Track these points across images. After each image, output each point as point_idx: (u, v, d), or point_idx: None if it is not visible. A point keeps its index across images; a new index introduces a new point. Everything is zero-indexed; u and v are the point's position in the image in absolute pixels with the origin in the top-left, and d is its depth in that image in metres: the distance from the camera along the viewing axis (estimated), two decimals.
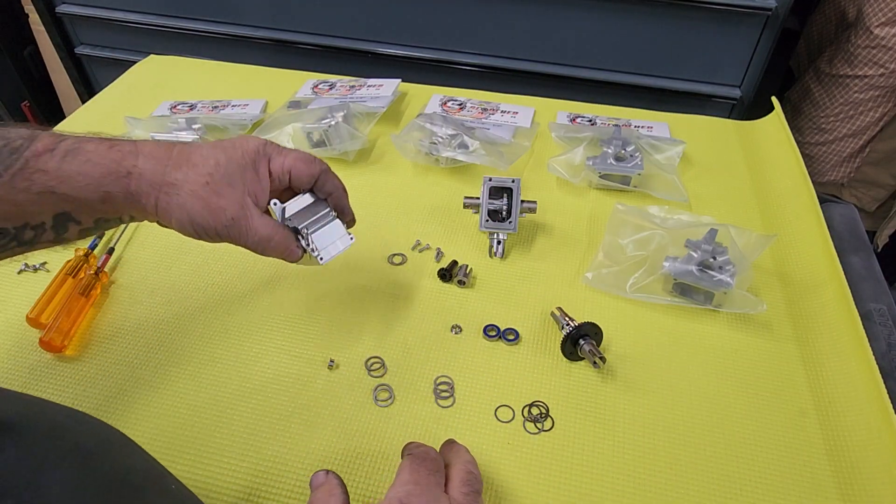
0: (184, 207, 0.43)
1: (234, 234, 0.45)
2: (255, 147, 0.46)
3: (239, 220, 0.44)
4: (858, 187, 1.35)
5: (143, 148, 0.43)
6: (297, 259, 0.49)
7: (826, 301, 0.61)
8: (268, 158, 0.47)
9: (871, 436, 0.50)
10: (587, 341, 0.55)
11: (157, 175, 0.43)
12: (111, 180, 0.41)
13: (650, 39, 1.14)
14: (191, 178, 0.43)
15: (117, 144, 0.43)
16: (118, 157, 0.42)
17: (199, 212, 0.43)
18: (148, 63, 1.05)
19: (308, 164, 0.48)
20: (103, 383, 0.54)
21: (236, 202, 0.44)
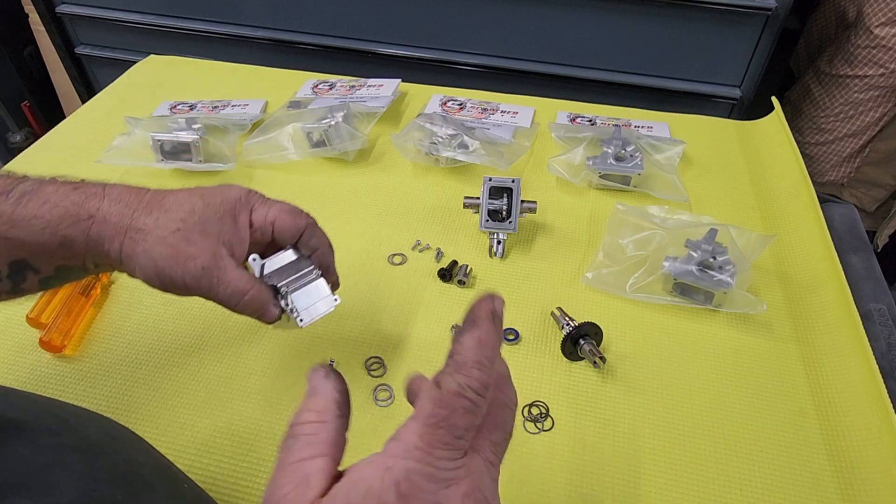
0: (149, 255, 0.39)
1: (203, 285, 0.40)
2: (236, 195, 0.43)
3: (210, 270, 0.40)
4: (858, 187, 1.35)
5: (112, 191, 0.40)
6: (274, 319, 0.44)
7: (826, 301, 0.61)
8: (250, 208, 0.43)
9: (871, 436, 0.50)
10: (587, 341, 0.55)
11: (122, 219, 0.39)
12: (70, 223, 0.38)
13: (650, 39, 1.14)
14: (161, 224, 0.39)
15: (82, 186, 0.40)
16: (79, 200, 0.39)
17: (165, 260, 0.39)
18: (148, 63, 1.05)
19: (293, 217, 0.44)
20: (103, 383, 0.54)
21: (208, 251, 0.40)
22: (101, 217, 0.39)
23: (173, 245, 0.39)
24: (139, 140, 0.79)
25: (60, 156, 0.82)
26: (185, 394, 0.54)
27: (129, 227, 0.39)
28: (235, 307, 0.42)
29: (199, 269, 0.39)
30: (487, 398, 0.25)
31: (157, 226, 0.39)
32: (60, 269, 0.40)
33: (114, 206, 0.39)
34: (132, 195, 0.40)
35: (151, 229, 0.39)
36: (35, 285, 0.40)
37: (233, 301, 0.41)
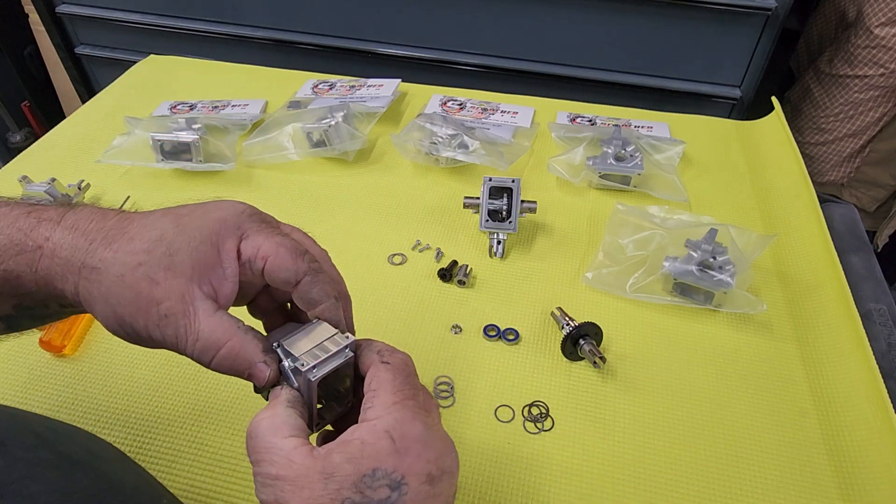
0: (107, 300, 0.30)
1: (168, 338, 0.31)
2: (223, 216, 0.33)
3: (176, 317, 0.30)
4: (858, 187, 1.35)
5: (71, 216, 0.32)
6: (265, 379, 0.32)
7: (826, 301, 0.61)
8: (240, 234, 0.33)
9: (871, 435, 0.50)
10: (587, 341, 0.55)
11: (76, 252, 0.31)
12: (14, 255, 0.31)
13: (650, 39, 1.14)
14: (120, 259, 0.30)
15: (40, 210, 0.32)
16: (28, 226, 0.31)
17: (125, 307, 0.30)
18: (148, 63, 1.05)
19: (293, 257, 0.33)
20: (103, 383, 0.54)
21: (174, 293, 0.30)
22: (49, 249, 0.31)
23: (133, 286, 0.30)
24: (139, 140, 0.79)
25: (60, 156, 0.82)
26: (184, 394, 0.53)
27: (84, 265, 0.31)
28: (209, 365, 0.32)
29: (161, 316, 0.30)
30: None
31: (115, 261, 0.30)
32: (20, 308, 0.33)
33: (67, 235, 0.31)
34: (93, 221, 0.32)
35: (109, 266, 0.30)
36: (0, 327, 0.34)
37: (204, 358, 0.31)
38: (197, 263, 0.31)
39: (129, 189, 0.76)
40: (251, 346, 0.32)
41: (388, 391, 0.30)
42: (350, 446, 0.28)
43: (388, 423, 0.29)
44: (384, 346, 0.33)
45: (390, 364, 0.32)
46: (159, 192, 0.76)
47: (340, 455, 0.28)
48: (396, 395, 0.30)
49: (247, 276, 0.33)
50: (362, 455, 0.28)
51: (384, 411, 0.29)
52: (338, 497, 0.27)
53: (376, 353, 0.33)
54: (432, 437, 0.29)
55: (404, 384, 0.31)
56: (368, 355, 0.33)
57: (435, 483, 0.28)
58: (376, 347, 0.33)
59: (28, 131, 1.68)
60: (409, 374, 0.32)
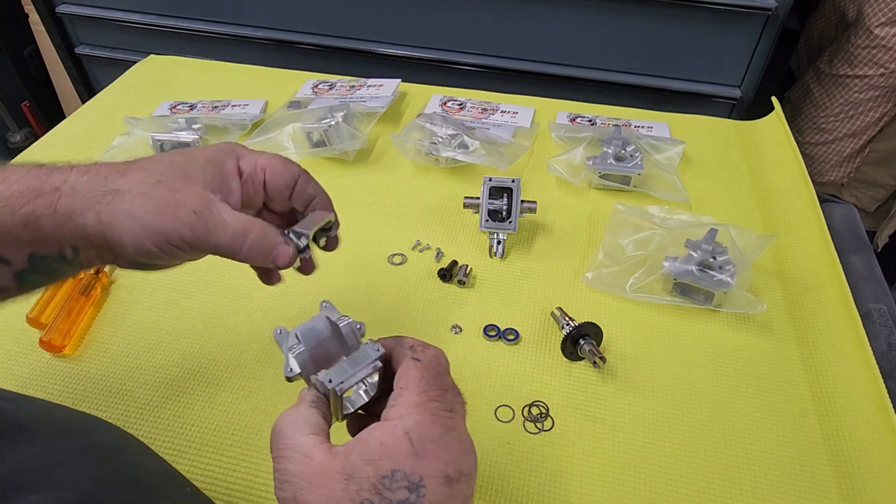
0: (133, 215, 0.34)
1: (199, 233, 0.35)
2: (220, 146, 0.39)
3: (203, 213, 0.35)
4: (858, 187, 1.35)
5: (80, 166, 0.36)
6: (288, 259, 0.38)
7: (826, 301, 0.61)
8: (236, 156, 0.39)
9: (871, 435, 0.50)
10: (587, 341, 0.55)
11: (94, 186, 0.34)
12: (32, 197, 0.34)
13: (650, 39, 1.14)
14: (139, 180, 0.35)
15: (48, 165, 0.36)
16: (43, 174, 0.35)
17: (152, 214, 0.34)
18: (148, 63, 1.05)
19: (285, 164, 0.40)
20: (103, 383, 0.54)
21: (197, 195, 0.35)
22: (68, 189, 0.34)
23: (158, 197, 0.34)
24: (139, 140, 0.79)
25: (60, 156, 0.82)
26: (185, 394, 0.54)
27: (103, 193, 0.34)
28: (240, 252, 0.36)
29: (191, 214, 0.34)
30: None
31: (134, 182, 0.35)
32: (34, 257, 0.35)
33: (82, 176, 0.35)
34: (102, 165, 0.36)
35: (129, 188, 0.34)
36: (10, 280, 0.35)
37: (236, 245, 0.36)
38: (206, 178, 0.36)
39: None
40: (272, 230, 0.37)
41: (413, 391, 0.31)
42: (369, 446, 0.28)
43: (409, 424, 0.29)
44: (416, 343, 0.34)
45: (420, 361, 0.32)
46: None
47: (360, 456, 0.28)
48: (421, 395, 0.30)
49: (248, 190, 0.39)
50: (381, 456, 0.28)
51: (406, 412, 0.30)
52: (357, 498, 0.27)
53: (408, 349, 0.33)
54: (451, 440, 0.30)
55: (431, 384, 0.31)
56: (400, 351, 0.34)
57: (453, 485, 0.29)
58: (408, 343, 0.34)
59: (28, 131, 1.68)
60: (438, 373, 0.32)
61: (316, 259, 0.43)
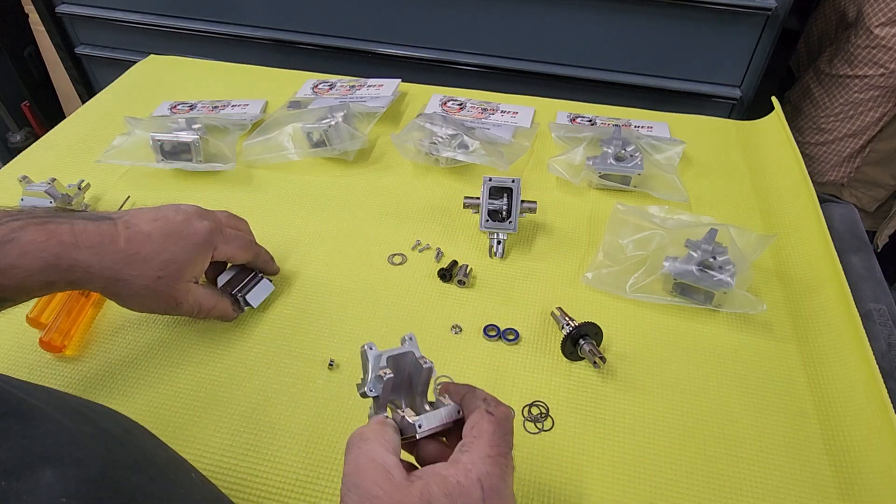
0: (136, 298, 0.49)
1: (181, 312, 0.53)
2: (202, 237, 0.51)
3: (186, 300, 0.52)
4: (858, 187, 1.35)
5: (82, 237, 0.44)
6: (232, 319, 0.58)
7: (826, 301, 0.61)
8: (213, 248, 0.53)
9: (871, 436, 0.50)
10: (587, 341, 0.55)
11: (105, 271, 0.45)
12: (53, 272, 0.42)
13: (650, 39, 1.14)
14: (144, 274, 0.47)
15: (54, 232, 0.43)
16: (57, 251, 0.42)
17: (151, 300, 0.49)
18: (148, 63, 1.05)
19: (245, 252, 0.57)
20: (103, 383, 0.54)
21: (184, 290, 0.51)
22: (82, 268, 0.44)
23: (156, 291, 0.49)
24: (139, 140, 0.79)
25: (60, 156, 0.82)
26: (184, 394, 0.54)
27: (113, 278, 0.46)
28: (204, 318, 0.56)
29: (179, 304, 0.52)
30: None
31: (140, 275, 0.47)
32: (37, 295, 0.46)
33: (92, 256, 0.44)
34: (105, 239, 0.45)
35: (135, 279, 0.47)
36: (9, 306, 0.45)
37: (201, 315, 0.55)
38: (191, 271, 0.52)
39: (129, 189, 0.76)
40: (226, 304, 0.57)
41: (486, 443, 0.33)
42: (447, 483, 0.31)
43: (482, 472, 0.32)
44: (490, 397, 0.37)
45: (494, 416, 0.35)
46: (159, 193, 0.76)
47: (439, 488, 0.30)
48: (493, 448, 0.33)
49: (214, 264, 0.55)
50: (458, 494, 0.30)
51: (479, 460, 0.32)
52: None
53: (482, 401, 0.36)
54: (508, 496, 0.33)
55: (501, 441, 0.34)
56: (472, 401, 0.37)
57: None
58: (481, 395, 0.37)
59: (28, 131, 1.68)
60: (508, 432, 0.35)
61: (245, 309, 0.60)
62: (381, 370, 0.38)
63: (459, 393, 0.38)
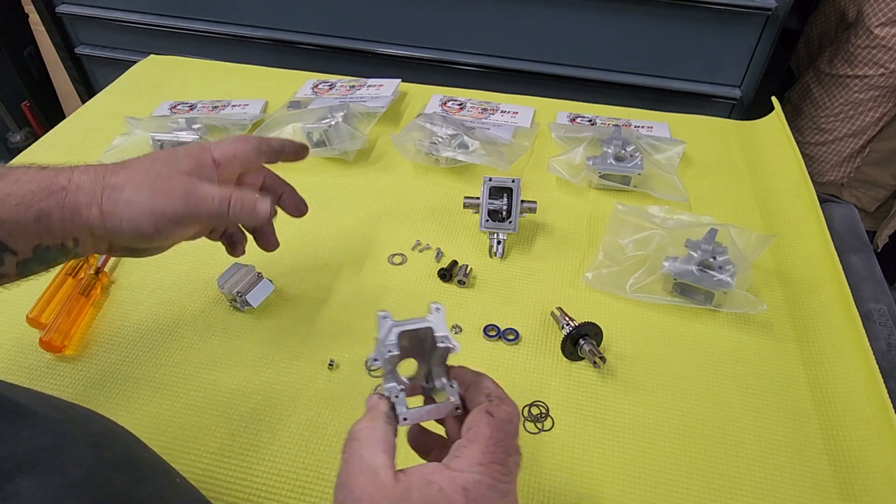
0: (132, 203, 0.41)
1: (192, 206, 0.42)
2: (191, 144, 0.47)
3: (192, 191, 0.43)
4: (858, 187, 1.35)
5: (79, 167, 0.42)
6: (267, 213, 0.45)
7: (826, 301, 0.61)
8: (210, 149, 0.46)
9: (871, 436, 0.50)
10: (587, 341, 0.55)
11: (95, 184, 0.41)
12: (44, 196, 0.39)
13: (650, 39, 1.14)
14: (133, 176, 0.42)
15: (50, 167, 0.41)
16: (50, 175, 0.40)
17: (149, 200, 0.41)
18: (148, 63, 1.05)
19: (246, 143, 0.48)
20: (103, 383, 0.54)
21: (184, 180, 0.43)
22: (73, 187, 0.40)
23: (152, 185, 0.42)
24: (139, 140, 0.79)
25: (60, 156, 0.82)
26: (184, 393, 0.54)
27: (103, 188, 0.41)
28: (228, 214, 0.44)
29: (183, 193, 0.42)
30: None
31: (129, 178, 0.41)
32: (38, 248, 0.40)
33: (84, 175, 0.41)
34: (100, 166, 0.42)
35: (125, 182, 0.41)
36: (13, 268, 0.40)
37: (223, 208, 0.43)
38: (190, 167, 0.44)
39: None
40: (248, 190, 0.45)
41: (479, 448, 0.31)
42: (430, 489, 0.29)
43: (468, 481, 0.30)
44: (494, 390, 0.34)
45: (493, 418, 0.32)
46: None
47: (419, 493, 0.29)
48: (486, 455, 0.31)
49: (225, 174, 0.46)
50: (437, 501, 0.29)
51: (468, 467, 0.30)
52: None
53: (484, 397, 0.34)
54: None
55: (497, 445, 0.31)
56: (476, 394, 0.34)
57: None
58: (486, 388, 0.34)
59: (28, 131, 1.68)
60: (508, 435, 0.32)
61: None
62: (387, 345, 0.35)
63: (465, 382, 0.36)
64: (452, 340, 0.36)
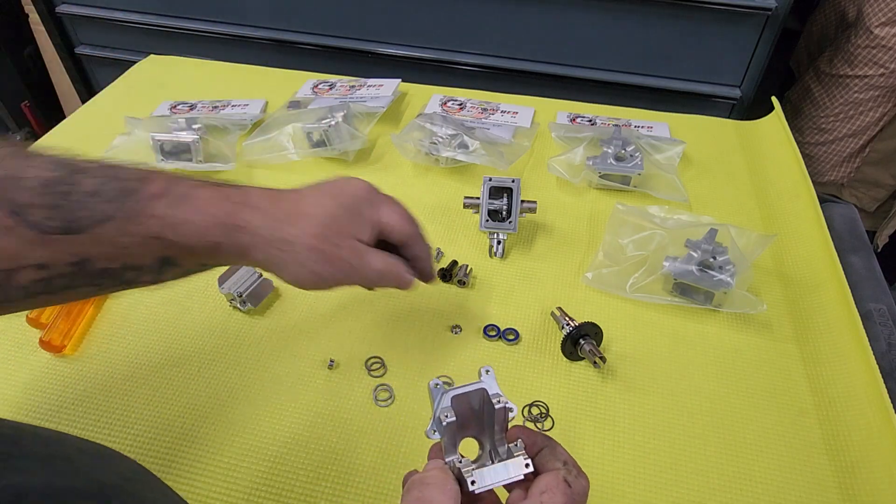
0: (303, 264, 0.43)
1: (353, 277, 0.45)
2: (363, 193, 0.47)
3: (357, 264, 0.45)
4: (858, 187, 1.35)
5: (251, 198, 0.43)
6: (409, 287, 0.49)
7: (826, 301, 0.61)
8: (375, 206, 0.48)
9: (871, 435, 0.50)
10: (587, 341, 0.55)
11: (269, 231, 0.42)
12: (221, 231, 0.41)
13: (650, 39, 1.14)
14: (306, 232, 0.43)
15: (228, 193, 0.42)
16: (228, 210, 0.41)
17: (317, 264, 0.43)
18: (148, 63, 1.05)
19: (407, 223, 0.49)
20: (103, 383, 0.54)
21: (351, 248, 0.45)
22: (250, 230, 0.41)
23: (321, 250, 0.43)
24: (139, 140, 0.79)
25: None
26: (184, 393, 0.54)
27: (276, 239, 0.42)
28: (378, 285, 0.48)
29: (349, 265, 0.45)
30: None
31: (302, 234, 0.43)
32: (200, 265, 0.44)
33: (257, 217, 0.42)
34: (271, 203, 0.43)
35: (297, 238, 0.43)
36: (170, 276, 0.42)
37: (379, 281, 0.47)
38: (354, 230, 0.45)
39: None
40: (400, 265, 0.48)
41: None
42: None
43: None
44: (570, 460, 0.34)
45: (571, 489, 0.32)
46: None
47: None
48: None
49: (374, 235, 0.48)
50: None
51: None
52: None
53: (561, 464, 0.33)
54: None
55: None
56: (551, 460, 0.34)
57: None
58: (562, 456, 0.34)
59: (28, 131, 1.67)
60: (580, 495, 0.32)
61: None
62: (442, 412, 0.34)
63: (536, 445, 0.35)
64: (508, 401, 0.35)
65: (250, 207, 0.42)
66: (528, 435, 0.35)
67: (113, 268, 0.38)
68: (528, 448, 0.34)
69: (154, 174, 0.40)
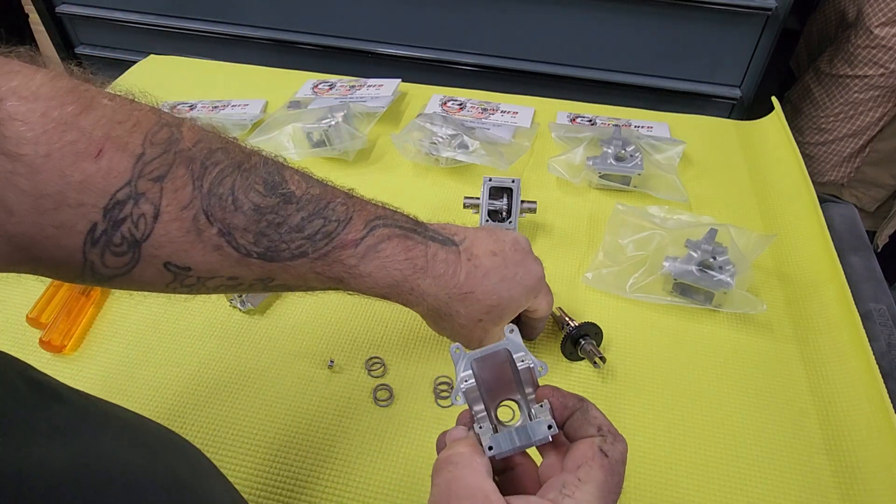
0: (454, 331, 0.46)
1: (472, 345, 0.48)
2: (534, 284, 0.48)
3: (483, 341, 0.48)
4: (858, 187, 1.35)
5: (431, 263, 0.43)
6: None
7: (826, 301, 0.61)
8: (537, 298, 0.49)
9: (871, 436, 0.50)
10: (587, 341, 0.55)
11: (438, 301, 0.44)
12: (393, 290, 0.43)
13: (650, 39, 1.14)
14: (470, 314, 0.45)
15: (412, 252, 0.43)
16: (408, 273, 0.42)
17: (464, 339, 0.47)
18: (148, 63, 1.05)
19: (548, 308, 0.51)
20: (103, 383, 0.54)
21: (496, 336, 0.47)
22: (420, 293, 0.43)
23: (474, 330, 0.46)
24: None
25: None
26: (185, 394, 0.54)
27: (443, 311, 0.45)
28: None
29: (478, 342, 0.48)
30: None
31: (467, 314, 0.45)
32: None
33: (432, 287, 0.43)
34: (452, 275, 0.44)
35: (460, 318, 0.45)
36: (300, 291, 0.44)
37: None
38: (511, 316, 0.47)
39: None
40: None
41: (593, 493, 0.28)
42: None
43: None
44: (605, 423, 0.31)
45: (608, 458, 0.29)
46: None
47: None
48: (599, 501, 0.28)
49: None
50: None
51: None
52: None
53: (595, 430, 0.31)
54: None
55: (611, 493, 0.29)
56: (584, 426, 0.31)
57: None
58: (596, 420, 0.31)
59: None
60: (621, 478, 0.30)
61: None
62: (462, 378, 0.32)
63: (567, 408, 0.32)
64: (534, 359, 0.32)
65: (430, 277, 0.43)
66: (557, 396, 0.33)
67: (290, 285, 0.41)
68: (559, 410, 0.32)
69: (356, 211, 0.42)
